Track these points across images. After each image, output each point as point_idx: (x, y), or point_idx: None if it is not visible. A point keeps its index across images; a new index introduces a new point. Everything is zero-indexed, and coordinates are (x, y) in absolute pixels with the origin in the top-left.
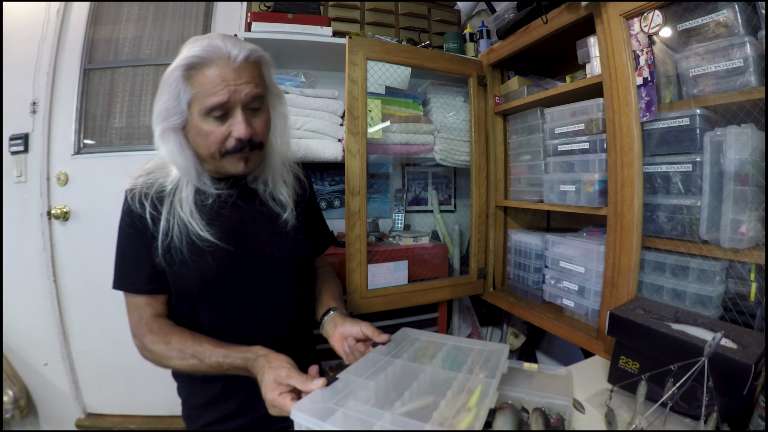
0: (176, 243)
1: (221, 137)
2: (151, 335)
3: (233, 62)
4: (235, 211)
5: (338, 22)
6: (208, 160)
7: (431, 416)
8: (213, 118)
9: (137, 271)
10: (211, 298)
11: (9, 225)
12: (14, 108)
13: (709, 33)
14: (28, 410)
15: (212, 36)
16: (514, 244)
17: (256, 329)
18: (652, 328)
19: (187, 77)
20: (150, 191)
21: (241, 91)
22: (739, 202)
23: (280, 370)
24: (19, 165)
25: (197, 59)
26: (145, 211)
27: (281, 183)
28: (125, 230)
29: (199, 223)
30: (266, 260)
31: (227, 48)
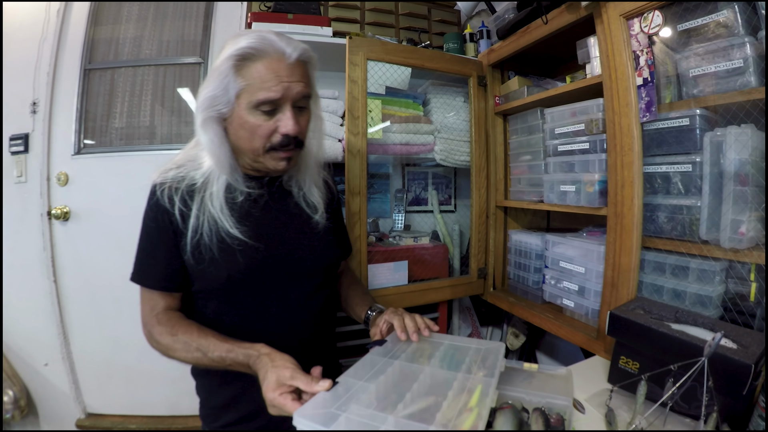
0: (206, 240)
1: (268, 131)
2: (159, 326)
3: (288, 59)
4: (266, 211)
5: (338, 22)
6: (248, 154)
7: (434, 418)
8: (261, 112)
9: (154, 267)
10: (237, 297)
11: (9, 225)
12: (14, 108)
13: (709, 33)
14: (28, 410)
15: (265, 31)
16: (514, 244)
17: (280, 331)
18: (652, 328)
19: (239, 68)
20: (181, 185)
21: (293, 89)
22: (738, 203)
23: (284, 370)
24: (19, 165)
25: (252, 51)
26: (174, 207)
27: (313, 185)
28: (148, 224)
29: (228, 220)
30: (296, 262)
31: (282, 44)
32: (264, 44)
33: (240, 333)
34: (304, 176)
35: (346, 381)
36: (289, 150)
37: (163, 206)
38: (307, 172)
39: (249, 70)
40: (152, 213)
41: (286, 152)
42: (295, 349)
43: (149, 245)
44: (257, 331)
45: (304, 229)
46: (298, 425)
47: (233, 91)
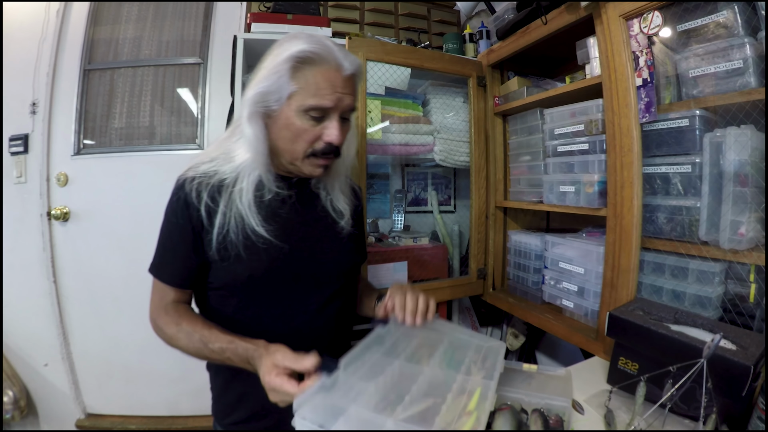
0: (231, 237)
1: (313, 137)
2: (165, 316)
3: (344, 72)
4: (293, 212)
5: (338, 22)
6: (286, 155)
7: (434, 421)
8: (309, 117)
9: (170, 262)
10: (257, 296)
11: (9, 226)
12: (14, 108)
13: (708, 34)
14: (28, 411)
15: (324, 37)
16: (513, 244)
17: (296, 332)
18: (652, 329)
19: (296, 70)
20: (212, 180)
21: (344, 101)
22: (738, 203)
23: (276, 354)
24: (18, 165)
25: (313, 56)
26: (201, 203)
27: (340, 191)
28: (170, 219)
29: (255, 218)
30: (318, 266)
31: (341, 56)
32: (325, 52)
33: (256, 332)
34: (333, 182)
35: (346, 381)
36: (328, 158)
37: (188, 202)
38: (336, 178)
39: (305, 74)
40: (175, 208)
41: (325, 160)
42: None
43: (168, 241)
44: (273, 331)
45: (328, 233)
46: (297, 426)
47: (286, 91)
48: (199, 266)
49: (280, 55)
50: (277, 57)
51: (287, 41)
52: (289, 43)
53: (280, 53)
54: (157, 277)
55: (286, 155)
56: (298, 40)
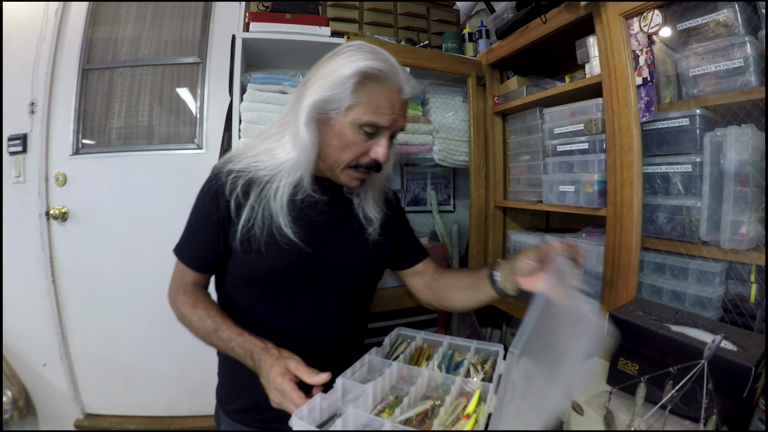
0: (256, 232)
1: (361, 151)
2: (184, 296)
3: (403, 95)
4: (322, 215)
5: (337, 21)
6: (329, 161)
7: (432, 424)
8: (363, 132)
9: (193, 247)
10: (274, 293)
11: (7, 226)
12: (13, 108)
13: (709, 33)
14: (26, 411)
15: (390, 56)
16: (513, 244)
17: (309, 332)
18: (652, 329)
19: (360, 84)
20: (249, 175)
21: (398, 123)
22: (739, 203)
23: (290, 361)
24: (17, 165)
25: (379, 73)
26: (232, 194)
27: (373, 200)
28: (200, 206)
29: (285, 218)
30: (338, 270)
31: (403, 79)
32: (391, 73)
33: (269, 326)
34: (366, 190)
35: (344, 382)
36: (368, 173)
37: (219, 193)
38: (370, 188)
39: (368, 90)
40: (206, 197)
41: (365, 174)
42: (320, 352)
43: (194, 225)
44: (286, 328)
45: (354, 239)
46: (294, 426)
47: (346, 103)
48: (220, 255)
49: (347, 67)
50: (343, 67)
51: (355, 52)
52: (357, 54)
53: (346, 64)
54: (180, 259)
55: (328, 161)
56: (367, 54)
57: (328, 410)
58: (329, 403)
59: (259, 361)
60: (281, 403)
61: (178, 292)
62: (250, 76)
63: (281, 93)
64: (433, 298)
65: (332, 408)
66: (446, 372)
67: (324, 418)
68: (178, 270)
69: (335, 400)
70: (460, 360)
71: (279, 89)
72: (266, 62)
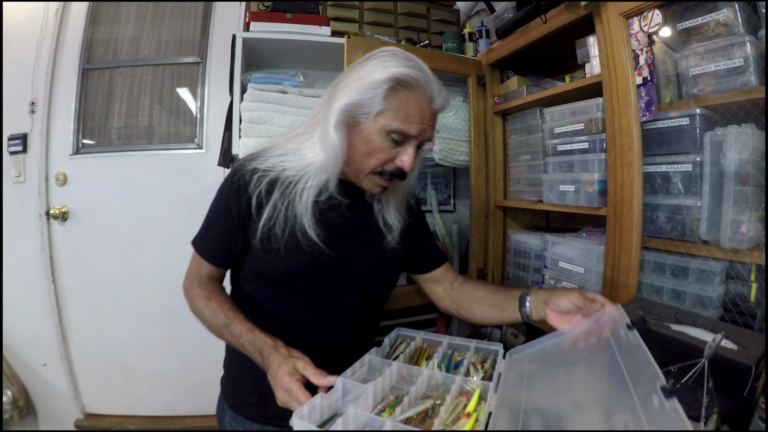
0: (277, 232)
1: (386, 158)
2: (198, 288)
3: (434, 105)
4: (342, 218)
5: (337, 21)
6: (353, 166)
7: (432, 423)
8: (390, 139)
9: (211, 241)
10: (289, 290)
11: (8, 225)
12: (13, 108)
13: (709, 32)
14: (27, 410)
15: (424, 64)
16: (513, 244)
17: (321, 331)
18: (652, 329)
19: (392, 90)
20: (274, 174)
21: (427, 133)
22: (739, 203)
23: (299, 361)
24: (17, 165)
25: (412, 81)
26: (254, 193)
27: (395, 209)
28: (221, 201)
29: (309, 220)
30: (353, 273)
31: (436, 89)
32: (424, 81)
33: (282, 324)
34: (388, 197)
35: (344, 382)
36: (392, 180)
37: (241, 190)
38: (392, 196)
39: (399, 97)
40: (228, 193)
41: (389, 181)
42: (330, 351)
43: (214, 220)
44: (299, 326)
45: (371, 244)
46: (294, 425)
47: (376, 108)
48: (237, 252)
49: (381, 72)
50: (376, 72)
51: (389, 57)
52: (392, 60)
53: (379, 69)
54: (197, 251)
55: (354, 165)
56: (401, 60)
57: (328, 410)
58: (330, 403)
59: (267, 359)
60: (287, 403)
61: (193, 283)
62: (250, 76)
63: (281, 93)
64: (452, 307)
65: (333, 408)
66: (446, 371)
67: (324, 417)
68: (194, 262)
69: (336, 399)
70: (459, 359)
71: (279, 89)
72: (266, 62)
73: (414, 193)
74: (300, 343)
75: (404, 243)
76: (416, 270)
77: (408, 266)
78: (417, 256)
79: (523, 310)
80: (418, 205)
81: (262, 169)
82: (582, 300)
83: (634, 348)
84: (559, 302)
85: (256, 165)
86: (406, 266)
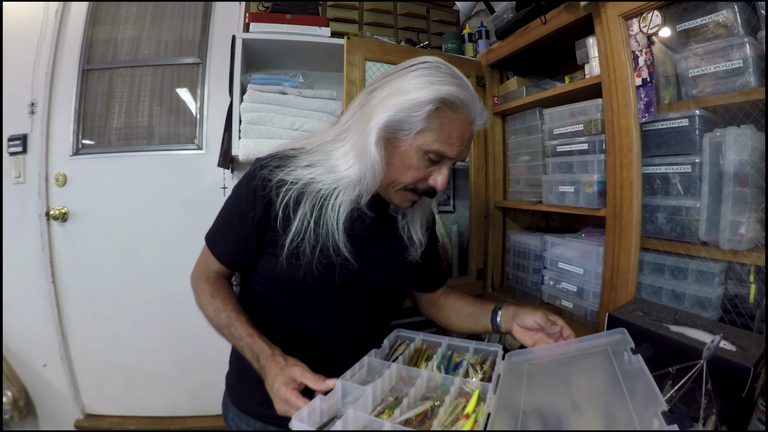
0: (306, 247)
1: (421, 176)
2: (205, 284)
3: (473, 127)
4: (365, 230)
5: (337, 22)
6: (384, 179)
7: (432, 424)
8: (427, 158)
9: (226, 240)
10: (303, 300)
11: (7, 226)
12: (13, 108)
13: (708, 33)
14: (27, 411)
15: (468, 83)
16: (513, 244)
17: (329, 338)
18: (651, 330)
19: (437, 110)
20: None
21: (463, 154)
22: (738, 204)
23: (296, 368)
24: (17, 166)
25: (459, 102)
26: (281, 205)
27: (419, 224)
28: (239, 204)
29: (342, 236)
30: (373, 286)
31: (477, 111)
32: (470, 102)
33: (292, 329)
34: (414, 211)
35: (344, 384)
36: (422, 196)
37: (259, 193)
38: (418, 209)
39: (443, 117)
40: (247, 195)
41: (419, 197)
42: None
43: (229, 219)
44: (309, 333)
45: (391, 257)
46: (294, 427)
47: (418, 127)
48: (251, 255)
49: (426, 90)
50: (420, 89)
51: (434, 73)
52: (437, 77)
53: (424, 85)
54: (209, 247)
55: (386, 179)
56: (447, 78)
57: (328, 412)
58: (329, 405)
59: (264, 368)
60: (287, 412)
61: (201, 278)
62: (250, 77)
63: (281, 93)
64: (433, 315)
65: (332, 410)
66: (445, 372)
67: (324, 420)
68: (204, 256)
69: (335, 401)
70: (459, 360)
71: (279, 90)
72: (266, 63)
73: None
74: (310, 348)
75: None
76: (420, 287)
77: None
78: (425, 274)
79: (494, 322)
80: (433, 221)
81: (290, 181)
82: (544, 321)
83: (636, 372)
84: (524, 318)
85: (283, 176)
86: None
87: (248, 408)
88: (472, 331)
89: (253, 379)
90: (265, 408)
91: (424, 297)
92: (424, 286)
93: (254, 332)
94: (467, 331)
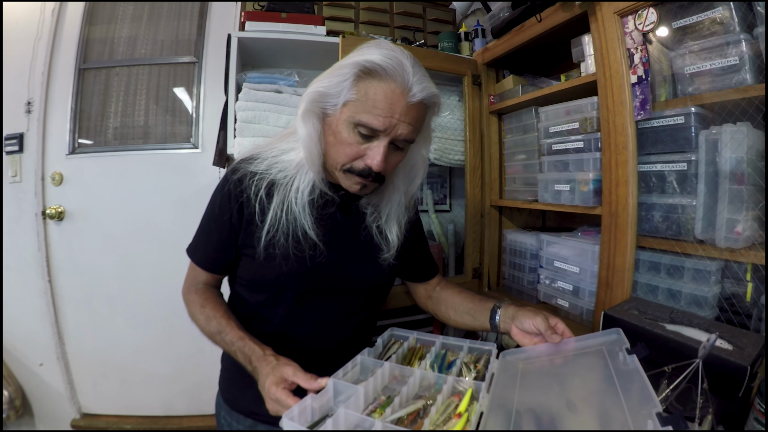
0: (280, 237)
1: (354, 154)
2: (195, 295)
3: (410, 97)
4: (334, 223)
5: (332, 21)
6: (327, 159)
7: (423, 423)
8: (357, 132)
9: (205, 248)
10: (282, 297)
11: (4, 225)
12: (9, 108)
13: (704, 30)
14: (23, 410)
15: (404, 54)
16: (509, 243)
17: (315, 336)
18: (647, 329)
19: (360, 78)
20: (270, 177)
21: (398, 129)
22: (734, 201)
23: (287, 368)
24: (13, 165)
25: (378, 68)
26: (255, 198)
27: (394, 221)
28: (214, 208)
29: (308, 220)
30: (348, 280)
31: (412, 80)
32: (395, 69)
33: (276, 329)
34: (384, 208)
35: (336, 383)
36: (365, 180)
37: (232, 197)
38: (389, 206)
39: (367, 86)
40: (221, 200)
41: (361, 180)
42: (325, 355)
43: (207, 227)
44: (292, 331)
45: (366, 252)
46: (285, 426)
47: (343, 98)
48: (232, 258)
49: (350, 59)
50: (346, 59)
51: (367, 47)
52: (366, 49)
53: (351, 56)
54: (191, 258)
55: (328, 161)
56: (374, 49)
57: (319, 411)
58: (321, 404)
59: (256, 369)
60: (278, 412)
61: (190, 290)
62: (245, 76)
63: (276, 92)
64: (430, 308)
65: (324, 408)
66: (438, 371)
67: (315, 418)
68: (191, 270)
69: (327, 400)
70: (452, 359)
71: (274, 88)
72: (262, 61)
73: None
74: (295, 347)
75: (400, 255)
76: (410, 278)
77: (401, 273)
78: (413, 265)
79: (492, 321)
80: (417, 214)
81: (260, 171)
82: (545, 326)
83: (631, 372)
84: (524, 321)
85: (253, 168)
86: (401, 273)
87: (239, 406)
88: (470, 327)
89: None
90: (257, 406)
91: (420, 289)
92: (414, 276)
93: (245, 335)
94: (465, 327)
